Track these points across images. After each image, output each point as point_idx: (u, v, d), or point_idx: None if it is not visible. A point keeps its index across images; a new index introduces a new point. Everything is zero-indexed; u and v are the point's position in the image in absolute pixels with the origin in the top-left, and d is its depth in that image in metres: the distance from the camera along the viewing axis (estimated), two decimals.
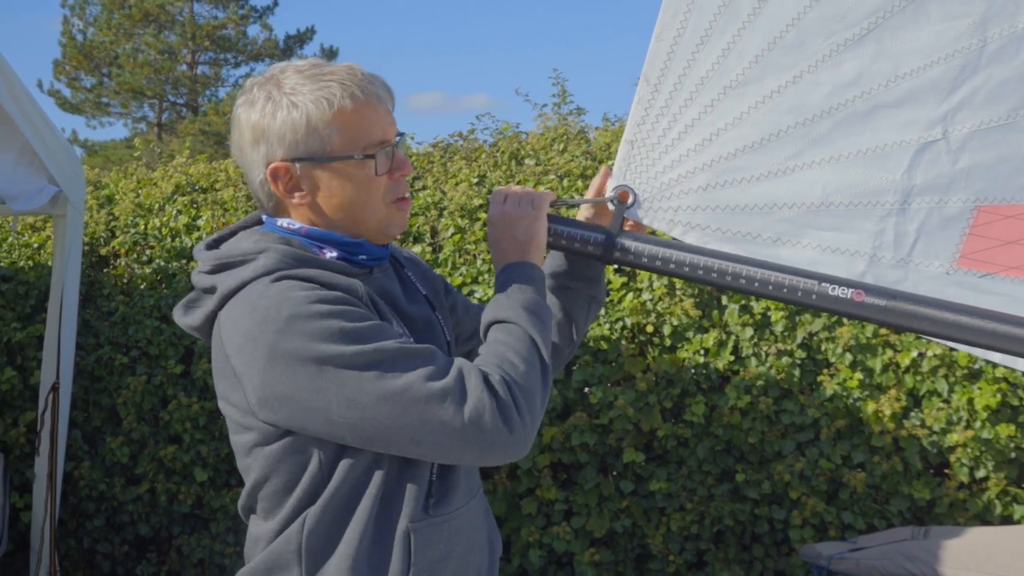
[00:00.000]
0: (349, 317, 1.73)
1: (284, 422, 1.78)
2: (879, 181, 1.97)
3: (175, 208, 6.46)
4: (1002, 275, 1.94)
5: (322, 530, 1.83)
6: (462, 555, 1.95)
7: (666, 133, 2.05)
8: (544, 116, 6.56)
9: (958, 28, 1.87)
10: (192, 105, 30.77)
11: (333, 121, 1.83)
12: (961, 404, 4.98)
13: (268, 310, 1.73)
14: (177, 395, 5.95)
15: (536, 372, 1.82)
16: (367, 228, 1.91)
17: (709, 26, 1.98)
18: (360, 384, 1.70)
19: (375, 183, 1.87)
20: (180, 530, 6.08)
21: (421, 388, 1.70)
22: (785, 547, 5.42)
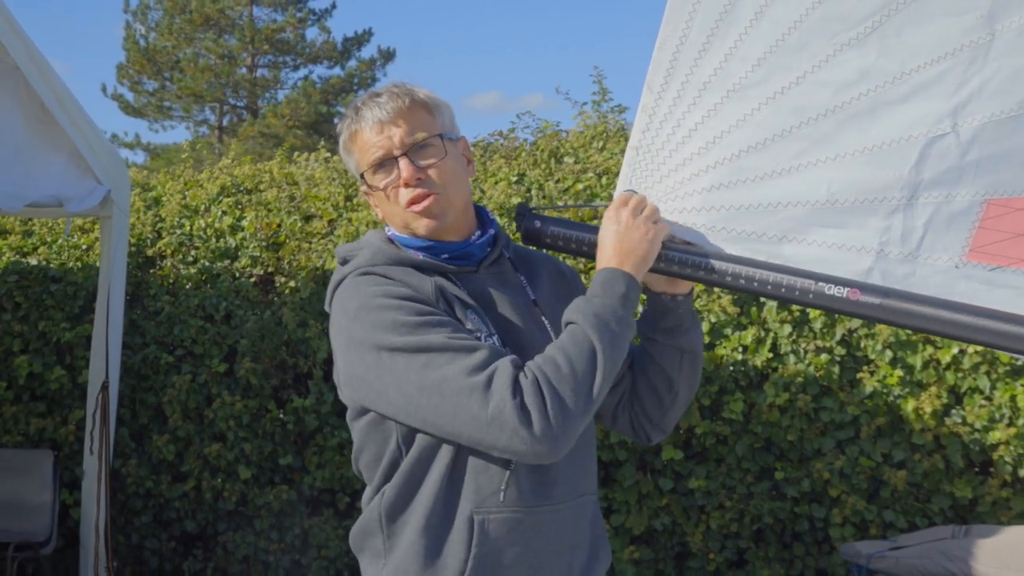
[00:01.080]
0: (407, 311, 1.91)
1: (360, 401, 1.99)
2: (886, 177, 1.97)
3: (220, 209, 6.55)
4: (1013, 268, 1.92)
5: (397, 504, 1.99)
6: (540, 551, 2.00)
7: (670, 138, 2.07)
8: (584, 114, 6.56)
9: (965, 22, 1.86)
10: (252, 108, 31.06)
11: (346, 151, 2.13)
12: (1004, 401, 4.91)
13: (346, 301, 1.99)
14: (221, 393, 6.03)
15: (581, 375, 1.86)
16: (405, 232, 2.08)
17: (711, 33, 2.01)
18: (408, 372, 1.87)
19: (384, 197, 2.07)
20: (225, 527, 6.16)
21: (457, 381, 1.83)
22: (826, 546, 5.38)
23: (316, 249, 6.16)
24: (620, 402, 2.25)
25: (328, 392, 5.91)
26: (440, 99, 2.13)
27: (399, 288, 1.96)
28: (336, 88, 30.10)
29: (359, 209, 6.26)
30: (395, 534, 1.99)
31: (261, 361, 6.02)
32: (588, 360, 1.87)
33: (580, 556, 2.10)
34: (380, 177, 2.07)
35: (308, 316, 5.96)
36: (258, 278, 6.27)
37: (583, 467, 2.12)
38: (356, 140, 2.09)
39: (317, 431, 5.98)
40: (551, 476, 2.01)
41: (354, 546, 2.12)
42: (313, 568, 5.99)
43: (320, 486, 5.98)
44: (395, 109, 2.05)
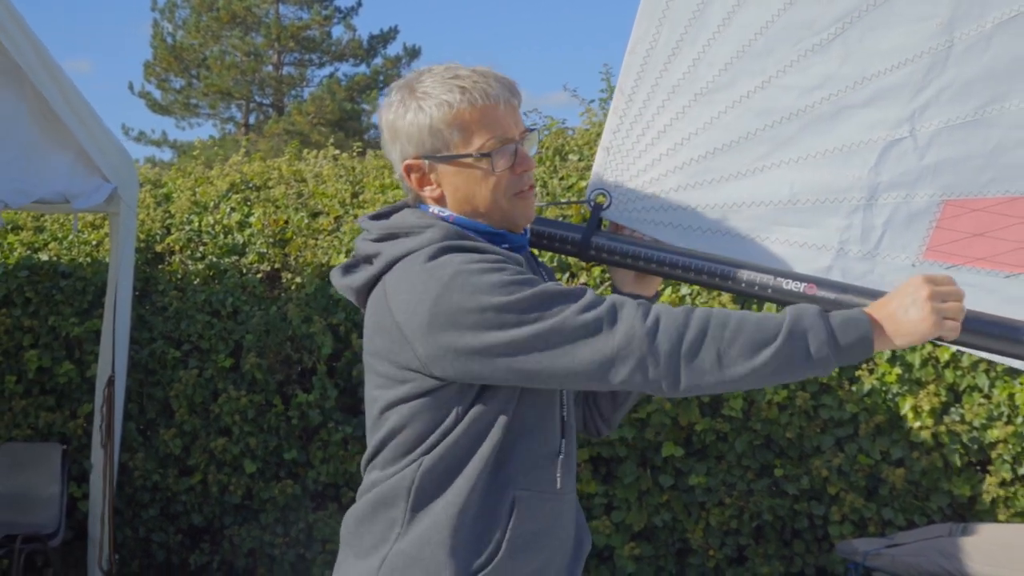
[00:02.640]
0: (510, 272, 1.86)
1: (452, 372, 1.89)
2: (846, 178, 2.03)
3: (229, 205, 6.61)
4: (968, 266, 1.98)
5: (436, 474, 1.94)
6: (558, 535, 2.05)
7: (640, 139, 2.14)
8: (590, 112, 6.57)
9: (926, 30, 1.93)
10: (278, 105, 31.20)
11: (453, 122, 1.96)
12: (1002, 400, 4.90)
13: (434, 270, 1.87)
14: (227, 388, 6.08)
15: (740, 351, 1.79)
16: (491, 220, 2.01)
17: (680, 38, 2.06)
18: (521, 325, 1.82)
19: (493, 179, 1.97)
20: (231, 520, 6.22)
21: (575, 319, 1.81)
22: (826, 543, 5.38)
23: (322, 246, 6.20)
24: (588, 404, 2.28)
25: (332, 388, 5.96)
26: None
27: (493, 255, 1.91)
28: (361, 86, 30.19)
29: (365, 206, 6.30)
30: (424, 504, 1.95)
31: (266, 356, 6.07)
32: (755, 345, 1.79)
33: (571, 542, 2.14)
34: (503, 156, 1.97)
35: (313, 312, 6.01)
36: (265, 274, 6.32)
37: (573, 460, 2.15)
38: (475, 114, 1.96)
39: (321, 426, 6.03)
40: (569, 464, 2.06)
41: (355, 519, 2.06)
42: (317, 562, 6.04)
43: (324, 480, 6.03)
44: (515, 91, 2.02)
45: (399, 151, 2.03)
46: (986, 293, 1.96)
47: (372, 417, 2.06)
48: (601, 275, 5.56)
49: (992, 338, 1.86)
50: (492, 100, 1.96)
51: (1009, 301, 1.94)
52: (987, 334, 1.86)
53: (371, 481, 2.05)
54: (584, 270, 5.58)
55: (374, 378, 2.04)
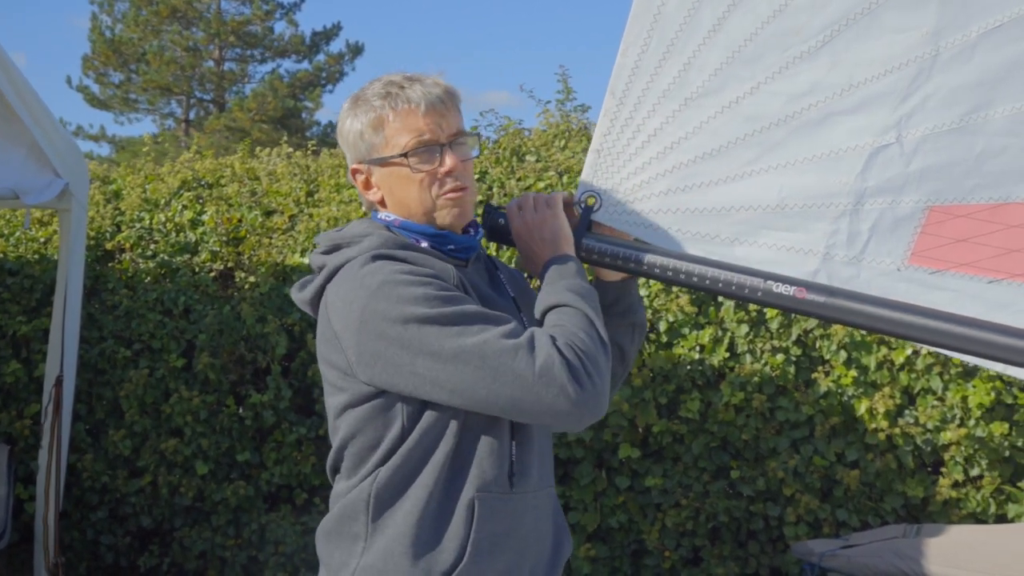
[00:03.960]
0: (435, 287, 1.94)
1: (377, 379, 1.96)
2: (833, 184, 2.07)
3: (180, 203, 6.52)
4: (952, 271, 2.02)
5: (392, 485, 2.00)
6: (525, 537, 2.08)
7: (630, 143, 2.18)
8: (547, 112, 6.57)
9: (912, 38, 1.96)
10: (219, 101, 30.90)
11: (378, 126, 2.08)
12: (955, 402, 4.96)
13: (364, 278, 1.96)
14: (179, 388, 6.00)
15: (595, 341, 1.95)
16: (422, 219, 2.10)
17: (671, 42, 2.10)
18: (442, 339, 1.89)
19: (417, 179, 2.07)
20: (182, 522, 6.14)
21: (497, 343, 1.87)
22: (781, 544, 5.42)
23: (276, 244, 6.14)
24: None
25: (286, 388, 5.90)
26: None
27: (422, 268, 1.99)
28: (304, 82, 30.00)
29: (320, 205, 6.25)
30: (384, 516, 2.00)
31: (220, 356, 6.00)
32: (589, 325, 1.97)
33: (548, 543, 2.17)
34: (421, 159, 2.07)
35: (267, 311, 5.95)
36: (218, 273, 6.25)
37: (547, 459, 2.20)
38: (397, 119, 2.07)
39: (275, 427, 5.97)
40: (530, 460, 2.09)
41: (324, 534, 2.10)
42: (270, 564, 5.98)
43: (278, 482, 5.97)
44: (444, 96, 2.09)
45: (348, 157, 2.16)
46: (969, 298, 2.00)
47: (330, 424, 2.14)
48: None
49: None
50: (413, 104, 2.05)
51: (992, 306, 1.98)
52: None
53: (337, 492, 2.12)
54: None
55: (326, 385, 2.11)
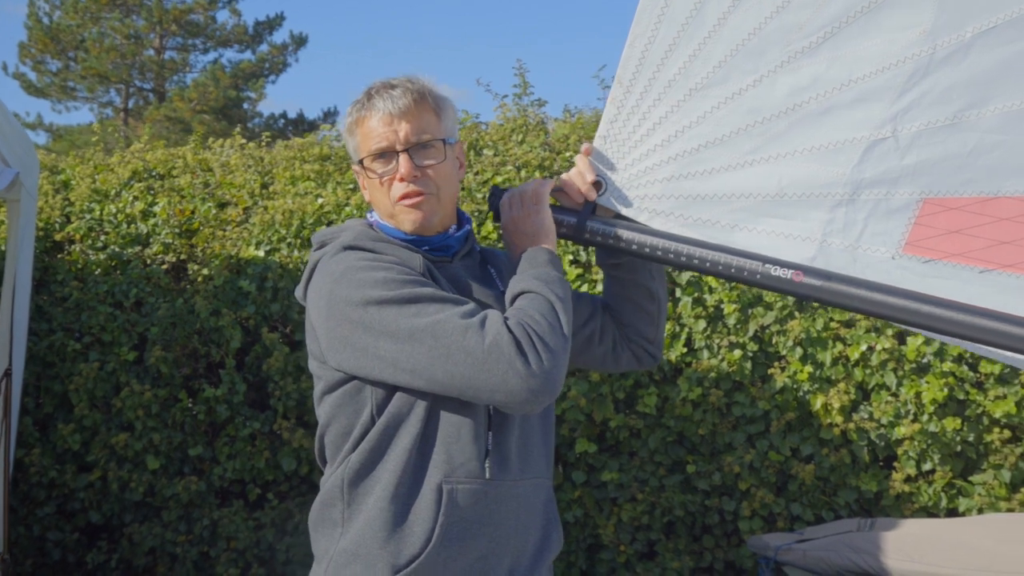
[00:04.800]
0: (395, 271, 2.03)
1: (346, 364, 2.05)
2: (831, 174, 2.15)
3: (131, 194, 6.42)
4: (944, 261, 2.10)
5: (363, 470, 2.06)
6: (502, 525, 2.10)
7: (636, 130, 2.25)
8: (504, 107, 6.55)
9: (909, 37, 2.04)
10: (159, 91, 30.45)
11: (347, 132, 2.23)
12: (909, 398, 5.04)
13: (330, 267, 2.08)
14: (130, 382, 5.91)
15: (550, 323, 2.00)
16: (387, 220, 2.20)
17: (678, 35, 2.17)
18: (399, 320, 1.96)
19: (377, 185, 2.19)
20: (132, 518, 6.05)
21: (451, 322, 1.94)
22: (735, 538, 5.47)
23: (231, 237, 6.07)
24: (615, 344, 2.44)
25: (240, 382, 5.84)
26: (448, 101, 2.26)
27: (387, 256, 2.09)
28: (246, 73, 29.64)
29: (275, 197, 6.19)
30: (357, 502, 2.06)
31: (172, 350, 5.92)
32: (550, 310, 2.02)
33: (534, 535, 2.19)
34: (379, 165, 2.17)
35: (222, 304, 5.88)
36: (170, 265, 6.16)
37: (536, 448, 2.22)
38: (361, 125, 2.19)
39: (229, 421, 5.91)
40: (507, 450, 2.12)
41: (311, 524, 2.17)
42: (222, 560, 5.92)
43: (231, 477, 5.91)
44: (406, 106, 2.16)
45: None
46: (961, 284, 2.08)
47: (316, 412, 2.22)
48: None
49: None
50: (375, 111, 2.15)
51: (982, 296, 2.05)
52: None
53: (322, 480, 2.18)
54: None
55: (313, 377, 2.19)
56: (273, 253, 5.97)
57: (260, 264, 5.92)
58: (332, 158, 6.47)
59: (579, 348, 2.39)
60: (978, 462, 5.07)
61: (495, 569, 2.10)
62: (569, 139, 6.10)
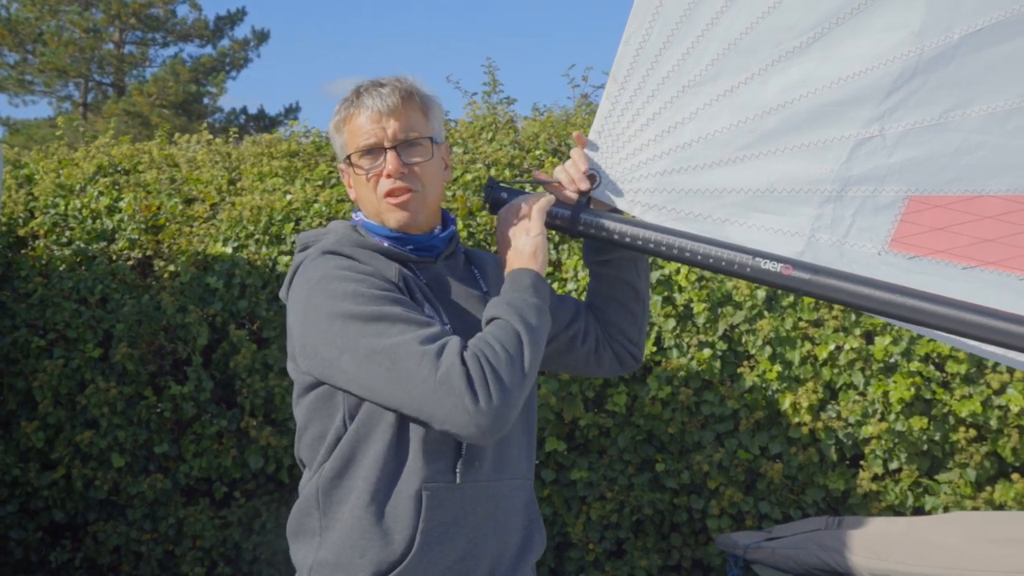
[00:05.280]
0: (368, 284, 2.02)
1: (315, 371, 2.06)
2: (820, 171, 2.19)
3: (97, 189, 6.35)
4: (929, 257, 2.15)
5: (337, 478, 2.06)
6: (478, 526, 2.09)
7: (630, 125, 2.30)
8: (474, 104, 6.55)
9: (897, 37, 2.08)
10: (118, 85, 30.15)
11: (335, 129, 2.23)
12: (876, 397, 5.08)
13: (308, 273, 2.09)
14: (95, 379, 5.85)
15: (510, 355, 1.98)
16: (374, 219, 2.20)
17: (672, 33, 2.21)
18: (360, 338, 1.95)
19: (363, 181, 2.18)
20: (96, 516, 5.99)
21: (409, 347, 1.92)
22: (703, 536, 5.49)
23: (198, 233, 6.02)
24: (598, 345, 2.44)
25: (207, 379, 5.80)
26: (435, 100, 2.25)
27: (363, 265, 2.08)
28: (207, 68, 29.41)
29: (243, 193, 6.15)
30: (333, 510, 2.05)
31: (138, 346, 5.86)
32: (515, 342, 1.99)
33: (515, 536, 2.19)
34: (366, 162, 2.17)
35: (188, 301, 5.83)
36: (136, 261, 6.10)
37: (518, 449, 2.22)
38: (349, 123, 2.19)
39: (195, 419, 5.86)
40: (477, 453, 2.10)
41: (289, 533, 2.16)
42: (187, 559, 5.87)
43: (197, 475, 5.86)
44: (394, 104, 2.16)
45: None
46: (943, 282, 2.12)
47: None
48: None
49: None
50: (364, 108, 2.16)
51: (965, 291, 2.09)
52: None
53: (300, 485, 2.20)
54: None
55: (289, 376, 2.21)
56: (241, 250, 5.92)
57: (228, 261, 5.87)
58: (300, 154, 6.43)
59: (562, 349, 2.39)
60: (944, 461, 5.13)
61: (475, 571, 2.09)
62: (539, 137, 6.11)
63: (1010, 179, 2.08)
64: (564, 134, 6.13)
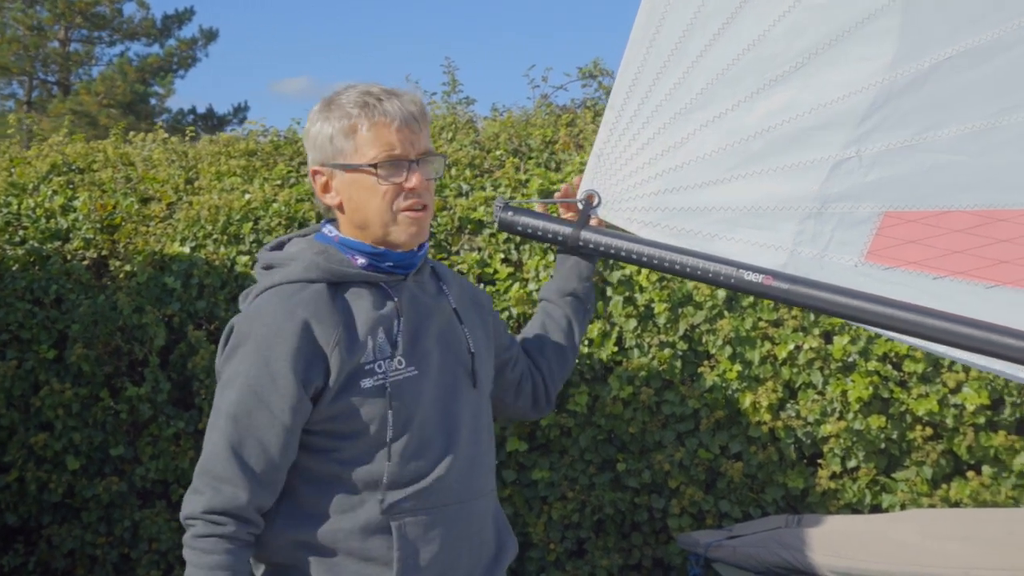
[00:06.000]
0: (255, 401, 2.05)
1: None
2: (801, 190, 2.36)
3: (50, 188, 6.27)
4: (902, 268, 2.31)
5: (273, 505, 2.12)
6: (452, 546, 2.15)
7: (626, 149, 2.48)
8: (433, 104, 6.54)
9: (873, 66, 2.25)
10: (64, 84, 29.78)
11: (350, 134, 2.13)
12: (835, 396, 5.13)
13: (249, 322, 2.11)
14: (49, 381, 5.77)
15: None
16: (375, 230, 2.15)
17: (664, 64, 2.39)
18: (218, 435, 2.06)
19: (381, 191, 2.12)
20: (50, 520, 5.91)
21: (206, 477, 2.04)
22: (664, 535, 5.52)
23: (154, 233, 5.96)
24: (522, 378, 2.49)
25: (165, 381, 5.74)
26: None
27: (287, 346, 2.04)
28: (154, 67, 29.14)
29: (200, 192, 6.09)
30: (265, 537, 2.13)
31: (94, 347, 5.79)
32: None
33: (488, 549, 2.24)
34: (386, 173, 2.12)
35: (145, 302, 5.77)
36: (91, 261, 6.03)
37: (479, 468, 2.25)
38: (373, 129, 2.12)
39: (152, 420, 5.80)
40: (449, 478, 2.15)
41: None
42: (143, 562, 5.81)
43: (153, 477, 5.80)
44: (419, 114, 2.17)
45: (310, 158, 2.21)
46: (917, 292, 2.26)
47: None
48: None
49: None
50: (388, 118, 2.11)
51: (936, 299, 2.23)
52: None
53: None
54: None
55: None
56: (199, 249, 5.87)
57: (185, 261, 5.82)
58: (259, 153, 6.38)
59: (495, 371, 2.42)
60: (901, 459, 5.19)
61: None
62: (499, 137, 6.11)
63: (978, 195, 2.24)
64: (524, 134, 6.15)
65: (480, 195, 5.69)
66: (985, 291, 2.24)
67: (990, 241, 2.23)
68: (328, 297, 2.10)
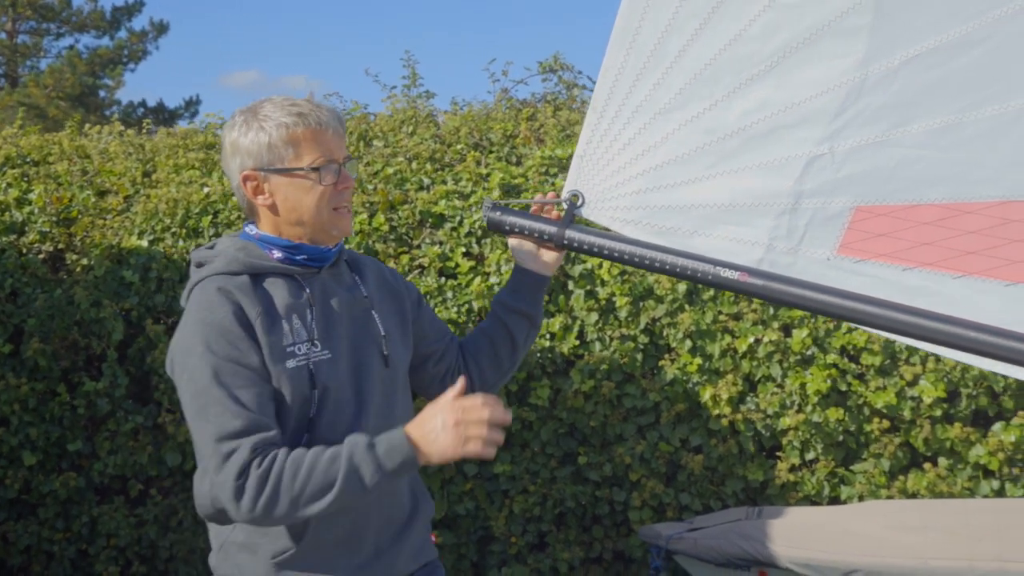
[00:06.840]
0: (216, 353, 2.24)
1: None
2: (776, 186, 2.43)
3: (5, 181, 6.19)
4: (873, 260, 2.38)
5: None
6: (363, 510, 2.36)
7: (608, 150, 2.55)
8: (393, 98, 6.52)
9: (844, 64, 2.29)
10: (11, 76, 29.35)
11: (289, 141, 2.34)
12: (794, 389, 5.19)
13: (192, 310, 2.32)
14: (5, 375, 5.69)
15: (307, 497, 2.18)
16: (313, 228, 2.39)
17: (643, 67, 2.44)
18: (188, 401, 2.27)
19: (318, 192, 2.36)
20: (6, 516, 5.84)
21: (208, 443, 2.20)
22: (624, 528, 5.55)
23: (112, 226, 5.90)
24: (447, 373, 2.67)
25: (123, 375, 5.68)
26: None
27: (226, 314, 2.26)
28: (104, 59, 28.79)
29: (158, 185, 6.04)
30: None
31: (50, 342, 5.72)
32: (322, 489, 2.18)
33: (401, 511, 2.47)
34: (324, 176, 2.36)
35: (103, 295, 5.71)
36: (47, 254, 5.95)
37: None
38: (308, 136, 2.35)
39: (110, 415, 5.74)
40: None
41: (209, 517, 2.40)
42: (101, 558, 5.76)
43: (111, 473, 5.74)
44: (343, 123, 2.46)
45: (238, 164, 2.39)
46: (887, 283, 2.35)
47: None
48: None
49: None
50: (323, 126, 2.36)
51: (905, 290, 2.32)
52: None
53: None
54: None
55: None
56: (157, 243, 5.82)
57: (144, 254, 5.77)
58: (217, 146, 6.33)
59: (416, 363, 2.64)
60: (859, 451, 5.26)
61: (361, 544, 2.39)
62: (460, 131, 6.11)
63: (945, 188, 2.29)
64: (485, 128, 6.15)
65: (441, 189, 5.69)
66: (952, 281, 2.31)
67: (957, 233, 2.29)
68: (250, 286, 2.32)
